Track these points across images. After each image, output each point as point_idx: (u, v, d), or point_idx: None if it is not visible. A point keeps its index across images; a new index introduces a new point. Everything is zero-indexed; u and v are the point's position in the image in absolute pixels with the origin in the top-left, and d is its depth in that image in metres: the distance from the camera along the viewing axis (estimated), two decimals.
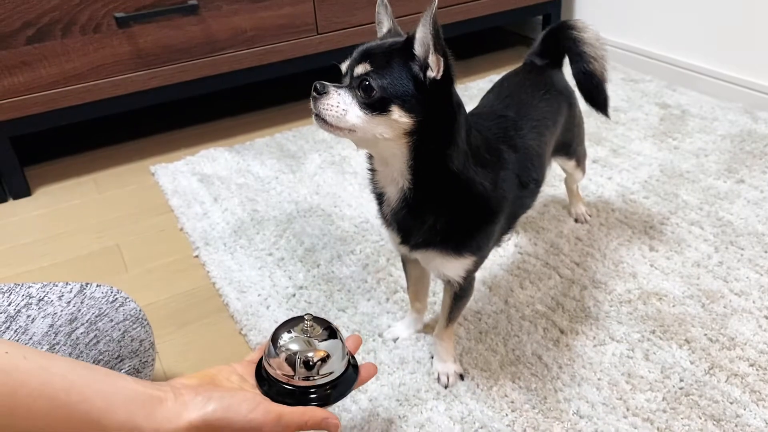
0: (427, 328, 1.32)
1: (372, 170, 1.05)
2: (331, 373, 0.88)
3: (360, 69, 0.90)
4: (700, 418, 1.09)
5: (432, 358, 1.24)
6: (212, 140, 2.21)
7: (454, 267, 1.07)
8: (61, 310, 1.04)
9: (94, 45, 1.92)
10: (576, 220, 1.62)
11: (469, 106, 1.23)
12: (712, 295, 1.35)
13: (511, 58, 2.75)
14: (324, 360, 0.88)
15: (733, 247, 1.48)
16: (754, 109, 2.08)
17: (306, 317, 0.91)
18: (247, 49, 2.13)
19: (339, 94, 0.91)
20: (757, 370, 1.17)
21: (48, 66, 1.89)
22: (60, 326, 1.02)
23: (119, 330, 1.07)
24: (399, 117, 0.90)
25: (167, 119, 2.38)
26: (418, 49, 0.89)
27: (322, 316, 0.96)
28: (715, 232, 1.53)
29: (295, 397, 0.86)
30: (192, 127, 2.33)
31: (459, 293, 1.14)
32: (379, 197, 1.06)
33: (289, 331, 0.90)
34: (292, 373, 0.87)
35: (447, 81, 0.91)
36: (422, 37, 0.88)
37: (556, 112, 1.27)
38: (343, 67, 0.95)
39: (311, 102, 0.92)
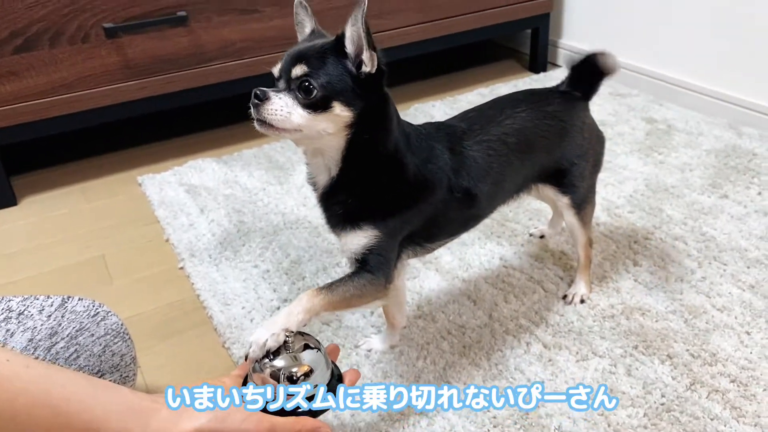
0: (412, 343, 1.32)
1: (307, 164, 1.09)
2: (316, 386, 0.90)
3: (297, 71, 0.95)
4: None
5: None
6: (200, 151, 2.21)
7: (354, 239, 1.04)
8: (41, 324, 1.03)
9: (82, 55, 1.92)
10: (564, 297, 1.42)
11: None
12: (695, 310, 1.35)
13: (500, 72, 2.76)
14: (308, 374, 0.90)
15: (716, 262, 1.49)
16: (739, 125, 2.10)
17: (289, 334, 0.92)
18: (236, 61, 2.14)
19: (280, 98, 0.95)
20: (738, 386, 1.18)
21: (36, 75, 1.89)
22: (40, 340, 1.01)
23: (100, 345, 1.07)
24: (341, 112, 0.96)
25: (156, 129, 2.38)
26: (349, 47, 0.95)
27: (306, 330, 0.96)
28: (698, 247, 1.55)
29: (284, 411, 0.87)
30: (180, 137, 2.33)
31: (355, 270, 1.06)
32: (314, 185, 1.09)
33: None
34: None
35: (379, 73, 0.97)
36: (352, 35, 0.94)
37: (530, 131, 1.22)
38: (275, 70, 0.99)
39: (252, 109, 0.95)
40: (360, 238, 1.05)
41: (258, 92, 0.94)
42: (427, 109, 2.33)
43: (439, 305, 1.41)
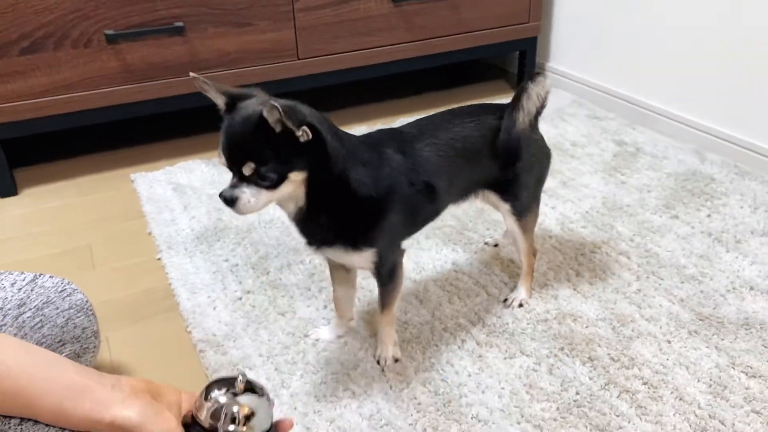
0: (356, 335, 1.43)
1: None
2: (251, 429, 0.89)
3: (247, 170, 1.02)
4: (586, 428, 1.18)
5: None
6: (192, 153, 2.35)
7: (360, 259, 1.22)
8: (12, 296, 1.16)
9: (84, 58, 2.07)
10: (505, 301, 1.51)
11: None
12: (624, 318, 1.45)
13: (489, 90, 2.88)
14: (248, 417, 0.94)
15: (653, 276, 1.58)
16: (704, 150, 2.18)
17: (239, 376, 0.97)
18: (230, 70, 2.27)
19: (245, 192, 1.04)
20: (648, 388, 1.27)
21: (40, 76, 2.04)
22: (9, 309, 1.14)
23: (64, 317, 1.19)
24: (296, 177, 1.06)
25: (151, 131, 2.52)
26: (278, 128, 1.00)
27: (262, 319, 1.04)
28: (640, 262, 1.64)
29: None
30: (175, 139, 2.47)
31: (381, 281, 1.27)
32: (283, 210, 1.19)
33: (221, 387, 0.91)
34: (215, 423, 0.87)
35: (316, 132, 1.03)
36: (275, 121, 0.99)
37: (475, 139, 1.31)
38: (222, 162, 1.07)
39: (226, 206, 1.06)
40: (364, 259, 1.20)
41: (225, 197, 1.05)
42: None
43: None
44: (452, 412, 1.23)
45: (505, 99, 1.38)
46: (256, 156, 1.02)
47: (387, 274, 1.26)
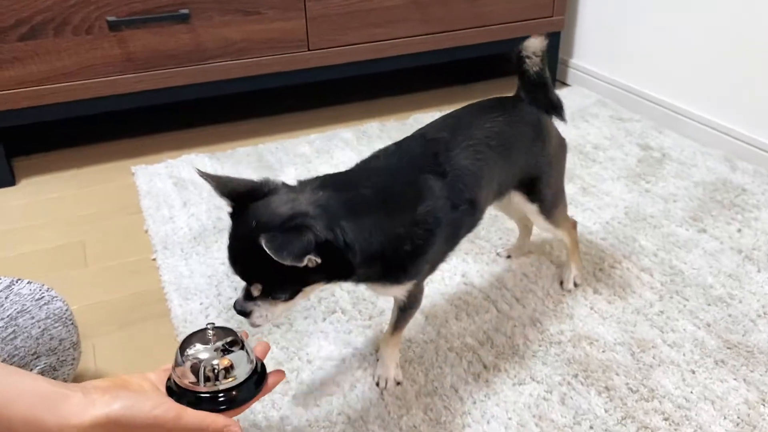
0: (355, 352, 1.34)
1: None
2: (234, 378, 0.92)
3: (256, 291, 0.97)
4: None
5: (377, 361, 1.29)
6: (196, 146, 2.26)
7: (397, 291, 1.13)
8: None
9: (85, 46, 1.99)
10: (561, 283, 1.52)
11: None
12: (644, 344, 1.34)
13: (507, 87, 2.72)
14: (228, 369, 0.92)
15: (677, 297, 1.47)
16: (735, 158, 2.06)
17: (209, 326, 0.95)
18: (236, 60, 2.18)
19: (259, 306, 0.98)
20: (669, 424, 1.16)
21: (39, 63, 1.96)
22: None
23: (39, 327, 1.11)
24: (311, 288, 1.00)
25: (154, 122, 2.44)
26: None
27: (256, 331, 1.00)
28: (663, 280, 1.53)
29: (202, 404, 0.89)
30: (179, 131, 2.38)
31: (404, 306, 1.19)
32: None
33: (194, 342, 0.94)
34: (196, 380, 0.90)
35: (329, 248, 0.93)
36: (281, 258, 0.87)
37: (509, 134, 1.23)
38: (239, 278, 1.00)
39: (245, 318, 1.01)
40: (402, 290, 1.13)
41: (239, 309, 1.00)
42: (426, 120, 2.31)
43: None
44: None
45: None
46: (262, 280, 0.96)
47: (414, 299, 1.18)
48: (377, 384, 1.25)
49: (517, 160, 1.27)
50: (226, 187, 0.97)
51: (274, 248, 0.85)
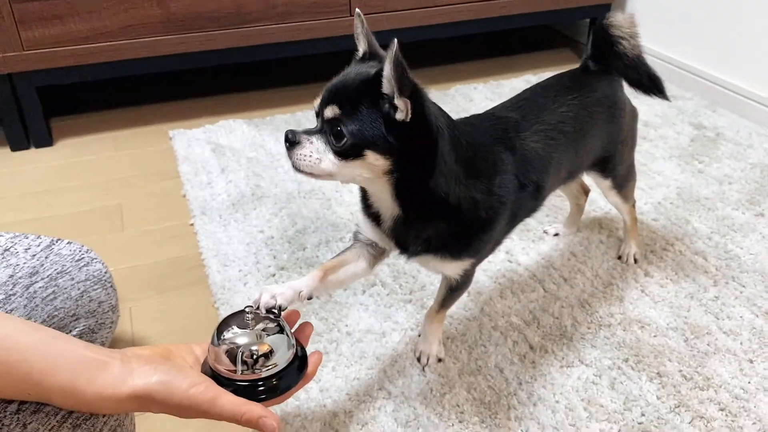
0: (396, 326, 1.30)
1: (363, 191, 1.03)
2: (274, 365, 0.85)
3: (329, 112, 0.87)
4: None
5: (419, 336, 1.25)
6: (234, 111, 2.23)
7: (453, 267, 1.07)
8: (24, 263, 1.05)
9: (125, 5, 1.95)
10: (619, 258, 1.48)
11: (496, 103, 1.20)
12: (698, 330, 1.28)
13: (554, 60, 2.67)
14: (267, 355, 0.85)
15: (733, 282, 1.40)
16: None
17: (247, 310, 0.89)
18: (277, 24, 2.13)
19: (311, 143, 0.89)
20: (726, 415, 1.11)
21: (79, 21, 1.93)
22: (20, 278, 1.04)
23: (78, 289, 1.09)
24: (374, 161, 0.88)
25: (192, 86, 2.41)
26: (386, 87, 0.84)
27: (295, 300, 0.95)
28: (718, 264, 1.46)
29: (241, 392, 0.82)
30: (217, 96, 2.35)
31: (455, 286, 1.13)
32: (375, 216, 1.03)
33: (232, 325, 0.88)
34: (233, 367, 0.83)
35: (420, 117, 0.87)
36: (389, 75, 0.83)
37: (584, 119, 1.18)
38: (315, 104, 0.92)
39: (286, 152, 0.90)
40: (458, 267, 1.07)
41: (289, 135, 0.89)
42: (468, 92, 2.27)
43: (432, 292, 1.37)
44: (498, 426, 1.09)
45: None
46: (346, 102, 0.87)
47: (465, 279, 1.12)
48: (418, 360, 1.22)
49: (593, 145, 1.23)
50: (372, 41, 0.96)
51: (396, 62, 0.80)
